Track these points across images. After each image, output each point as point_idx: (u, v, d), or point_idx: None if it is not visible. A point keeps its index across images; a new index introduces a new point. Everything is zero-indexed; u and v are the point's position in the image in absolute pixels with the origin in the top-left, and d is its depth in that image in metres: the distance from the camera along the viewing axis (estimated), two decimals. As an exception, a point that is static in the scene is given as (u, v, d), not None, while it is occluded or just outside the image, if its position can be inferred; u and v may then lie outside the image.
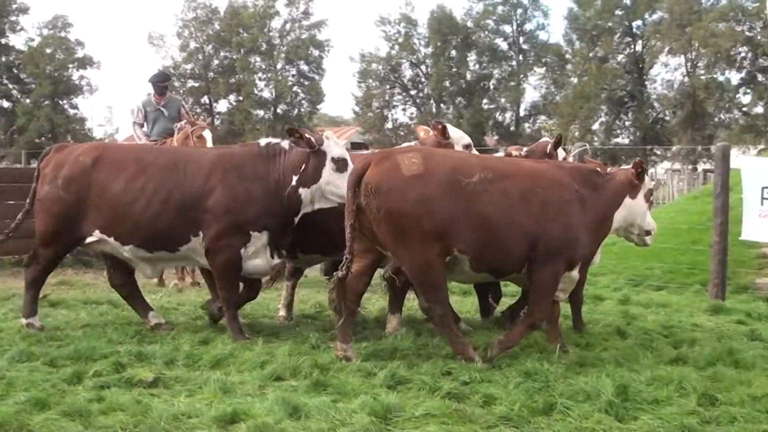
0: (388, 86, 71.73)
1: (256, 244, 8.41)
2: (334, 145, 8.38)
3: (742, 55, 60.51)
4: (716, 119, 63.49)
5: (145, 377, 6.58)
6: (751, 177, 12.14)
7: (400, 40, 70.47)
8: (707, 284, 12.43)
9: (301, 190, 8.35)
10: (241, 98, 67.38)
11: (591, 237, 7.81)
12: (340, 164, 8.21)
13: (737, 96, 62.19)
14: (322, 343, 7.98)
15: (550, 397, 6.15)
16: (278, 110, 68.70)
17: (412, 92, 72.52)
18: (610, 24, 65.32)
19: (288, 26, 69.49)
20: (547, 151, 9.58)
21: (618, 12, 65.07)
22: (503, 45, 70.99)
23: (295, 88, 69.73)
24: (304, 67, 69.84)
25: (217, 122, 67.98)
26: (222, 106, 70.55)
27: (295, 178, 8.34)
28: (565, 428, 5.62)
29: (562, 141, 10.08)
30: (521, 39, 70.29)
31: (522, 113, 71.22)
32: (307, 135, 8.31)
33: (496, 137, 65.28)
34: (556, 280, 7.67)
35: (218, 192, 8.28)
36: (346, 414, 5.70)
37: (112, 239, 8.49)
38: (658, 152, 63.01)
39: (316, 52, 69.71)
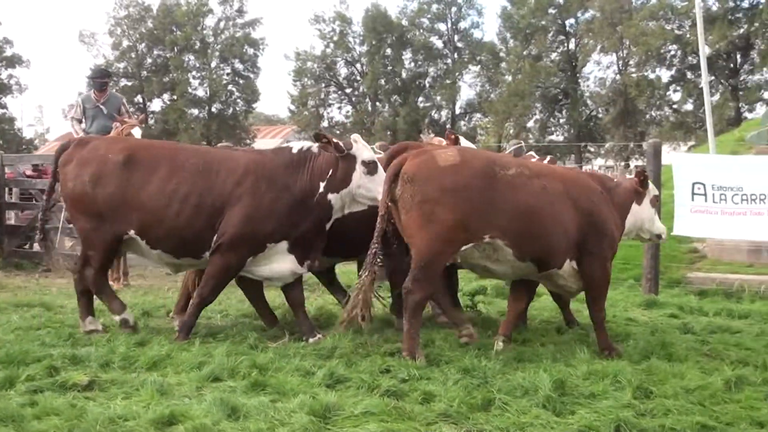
0: (323, 84, 71.61)
1: (272, 252, 8.32)
2: (363, 149, 8.31)
3: (672, 53, 61.65)
4: (647, 116, 64.57)
5: (80, 380, 6.46)
6: (682, 173, 12.30)
7: (335, 38, 70.38)
8: (640, 279, 12.61)
9: (330, 196, 8.28)
10: (175, 97, 66.72)
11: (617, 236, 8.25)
12: (371, 167, 8.18)
13: (668, 93, 63.37)
14: (260, 343, 7.95)
15: (488, 393, 6.18)
16: (213, 109, 68.20)
17: (348, 90, 72.50)
18: (543, 22, 66.03)
19: (222, 24, 69.08)
20: None
21: (551, 10, 65.81)
22: (438, 43, 71.32)
23: (229, 87, 69.24)
24: (239, 66, 69.39)
25: (151, 121, 67.30)
26: (156, 105, 69.83)
27: (322, 184, 8.27)
28: (503, 423, 5.64)
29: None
30: (456, 37, 70.62)
31: (458, 111, 71.59)
32: (335, 140, 8.24)
33: (432, 135, 65.46)
34: (608, 274, 8.15)
35: (245, 200, 8.12)
36: (285, 414, 5.66)
37: (144, 242, 8.30)
38: (592, 149, 63.91)
39: (250, 51, 69.34)
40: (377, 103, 70.68)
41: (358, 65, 71.57)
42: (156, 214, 8.09)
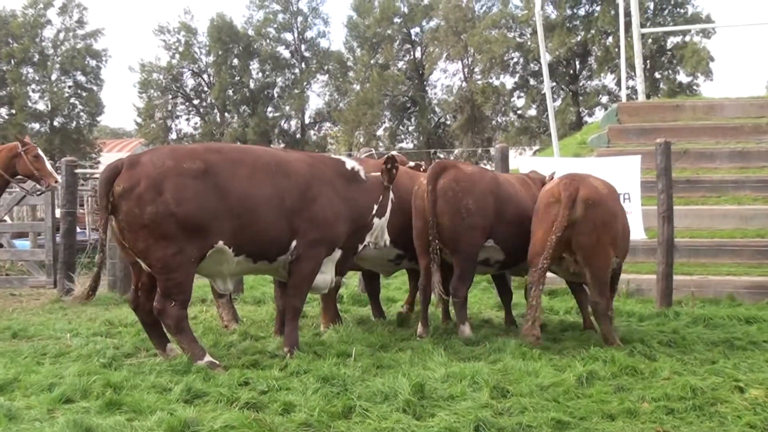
0: (170, 96, 70.54)
1: (330, 259, 8.30)
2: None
3: (515, 60, 63.37)
4: (494, 122, 66.22)
5: None
6: (529, 176, 12.63)
7: (181, 48, 69.42)
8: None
9: (375, 220, 8.45)
10: (14, 111, 64.19)
11: None
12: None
13: (512, 100, 65.11)
14: (114, 361, 7.72)
15: (348, 401, 6.17)
16: (55, 123, 66.00)
17: (196, 102, 71.62)
18: (389, 31, 66.78)
19: (62, 35, 66.86)
20: None
21: (396, 19, 66.66)
22: (285, 53, 71.31)
23: (72, 100, 67.11)
24: (81, 78, 67.32)
25: (-10, 137, 64.85)
26: (-7, 119, 67.12)
27: (375, 207, 8.40)
28: (364, 430, 5.65)
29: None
30: (303, 47, 70.75)
31: (307, 120, 71.76)
32: (393, 172, 8.45)
33: (282, 145, 65.40)
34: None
35: (320, 202, 8.01)
36: (142, 432, 5.53)
37: (231, 250, 7.70)
38: (442, 155, 64.78)
39: (93, 62, 67.44)
40: (226, 114, 70.08)
41: (205, 76, 70.81)
42: (244, 218, 7.62)
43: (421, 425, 5.72)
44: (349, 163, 8.58)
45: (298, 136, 69.58)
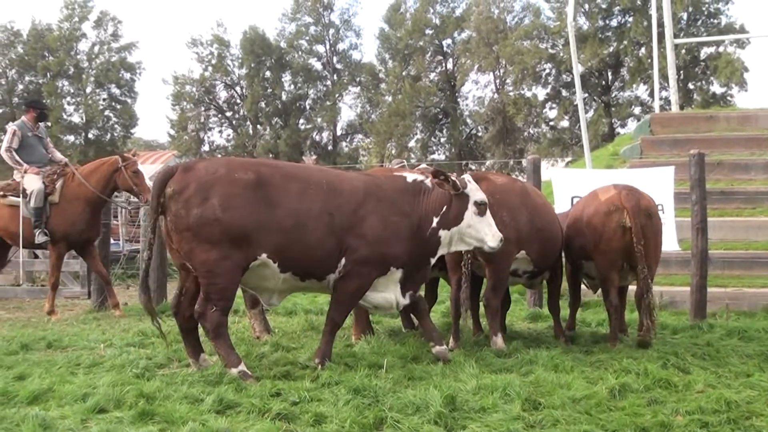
0: (203, 108, 70.90)
1: (389, 278, 8.20)
2: (476, 190, 8.39)
3: (547, 71, 63.15)
4: (526, 133, 66.00)
5: (-44, 418, 6.20)
6: (561, 187, 12.60)
7: (214, 61, 69.80)
8: (525, 293, 12.81)
9: (441, 232, 8.26)
10: (49, 124, 64.73)
11: None
12: (482, 208, 8.30)
13: (544, 111, 64.86)
14: (147, 372, 7.76)
15: (380, 412, 6.16)
16: (90, 135, 66.70)
17: (228, 114, 71.93)
18: (421, 43, 66.85)
19: (96, 49, 67.56)
20: None
21: (428, 31, 66.70)
22: (317, 65, 71.46)
23: (106, 113, 67.79)
24: (116, 91, 67.98)
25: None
26: (29, 132, 67.65)
27: (435, 219, 8.24)
28: (396, 442, 5.64)
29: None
30: (335, 59, 70.85)
31: (339, 132, 71.78)
32: (452, 178, 8.23)
33: (314, 157, 65.53)
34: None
35: (371, 220, 7.96)
36: (174, 442, 5.55)
37: (276, 264, 7.73)
38: (473, 167, 64.61)
39: (127, 75, 68.09)
40: (258, 126, 70.31)
41: (238, 88, 71.11)
42: (291, 234, 7.64)
43: (452, 437, 5.71)
44: (410, 177, 8.53)
45: (330, 147, 69.68)
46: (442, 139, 69.16)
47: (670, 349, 8.65)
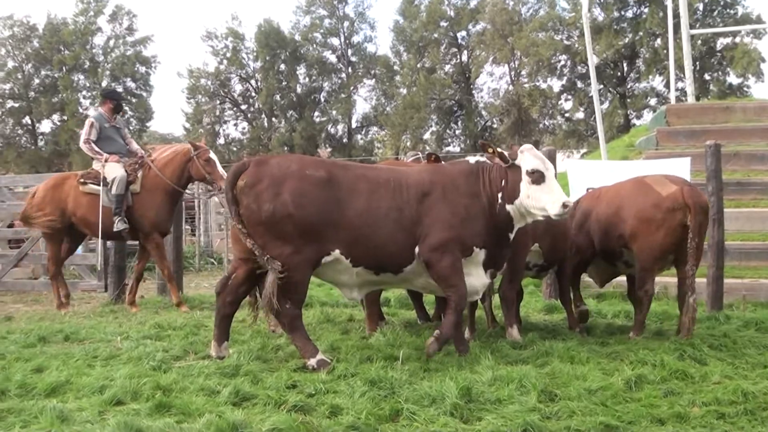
0: (218, 101, 71.03)
1: (473, 261, 8.22)
2: (529, 158, 8.22)
3: (562, 63, 62.98)
4: (541, 125, 65.85)
5: (-25, 411, 6.25)
6: (577, 178, 12.60)
7: (228, 54, 69.87)
8: (540, 285, 12.81)
9: (508, 207, 8.21)
10: (65, 117, 65.10)
11: None
12: (535, 176, 8.09)
13: (559, 102, 64.68)
14: (164, 364, 7.79)
15: (396, 404, 6.16)
16: (105, 128, 66.85)
17: (243, 107, 72.07)
18: (435, 35, 66.75)
19: (112, 43, 67.80)
20: None
21: (443, 23, 66.57)
22: (332, 58, 71.53)
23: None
24: (131, 84, 68.16)
25: (41, 143, 65.73)
26: (45, 126, 67.96)
27: (500, 195, 8.22)
28: (412, 433, 5.65)
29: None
30: (350, 51, 70.91)
31: (354, 125, 71.83)
32: (499, 150, 8.21)
33: (329, 149, 65.55)
34: None
35: (440, 207, 8.01)
36: (191, 434, 5.57)
37: (348, 260, 7.85)
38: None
39: (142, 69, 68.27)
40: (273, 119, 70.39)
41: (253, 81, 71.21)
42: (362, 231, 7.76)
43: (468, 429, 5.69)
44: (473, 159, 8.57)
45: (345, 140, 69.78)
46: (457, 131, 69.12)
47: (687, 340, 8.62)
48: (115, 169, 12.32)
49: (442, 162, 9.51)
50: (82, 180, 12.60)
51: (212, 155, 12.52)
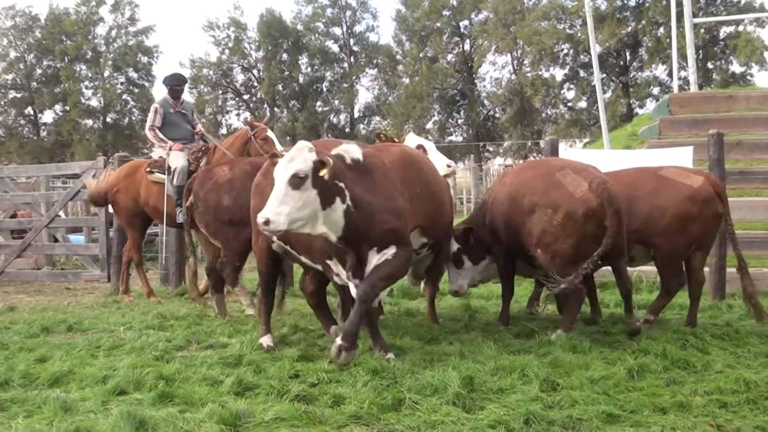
0: (220, 91, 71.00)
1: None
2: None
3: (565, 52, 62.86)
4: (544, 114, 65.75)
5: (-22, 400, 6.28)
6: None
7: (230, 44, 69.81)
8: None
9: None
10: (67, 108, 65.09)
11: None
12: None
13: (562, 92, 64.53)
14: (167, 354, 7.83)
15: (398, 393, 6.19)
16: (108, 119, 66.91)
17: (245, 97, 72.05)
18: (438, 24, 66.63)
19: (114, 33, 67.74)
20: None
21: (445, 12, 66.47)
22: (334, 47, 71.43)
23: (124, 96, 67.98)
24: (133, 74, 68.17)
25: (43, 133, 65.73)
26: (48, 116, 67.94)
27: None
28: (414, 422, 5.66)
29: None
30: (352, 41, 70.83)
31: (356, 114, 71.83)
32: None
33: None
34: None
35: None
36: (194, 424, 5.59)
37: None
38: (491, 148, 64.74)
39: (144, 59, 68.24)
40: (275, 109, 70.30)
41: (255, 71, 71.18)
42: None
43: (470, 418, 5.71)
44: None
45: (348, 130, 69.69)
46: (460, 121, 69.02)
47: (689, 329, 8.63)
48: (178, 159, 12.04)
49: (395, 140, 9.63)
50: (149, 169, 12.38)
51: (270, 133, 12.06)
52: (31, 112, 66.64)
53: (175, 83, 12.95)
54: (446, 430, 5.53)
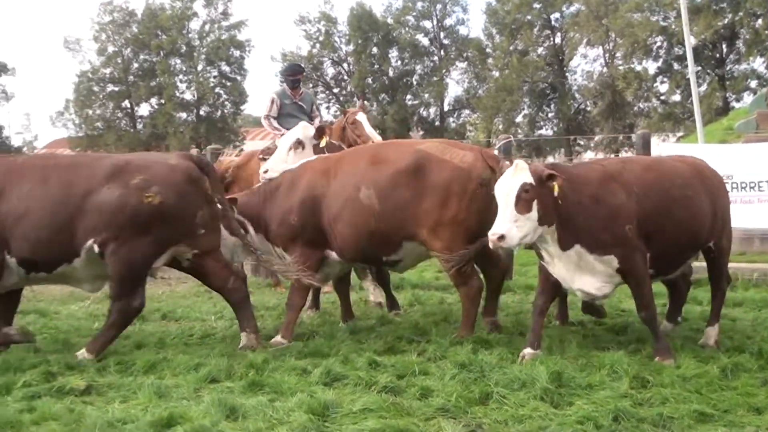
0: (311, 85, 71.32)
1: None
2: None
3: (658, 44, 61.60)
4: (636, 108, 64.55)
5: (77, 385, 6.47)
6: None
7: (321, 38, 70.16)
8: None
9: None
10: (162, 101, 66.28)
11: None
12: None
13: (655, 85, 63.29)
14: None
15: (485, 387, 6.19)
16: (201, 112, 67.90)
17: (336, 90, 72.34)
18: (529, 17, 65.95)
19: (207, 27, 68.63)
20: None
21: (536, 5, 65.71)
22: (424, 41, 71.20)
23: (217, 90, 68.86)
24: (226, 68, 69.01)
25: (139, 126, 67.11)
26: (144, 109, 69.27)
27: None
28: (501, 416, 5.66)
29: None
30: (442, 34, 70.53)
31: (446, 108, 71.52)
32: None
33: (421, 133, 65.49)
34: None
35: None
36: (283, 413, 5.67)
37: None
38: (582, 142, 63.95)
39: (237, 53, 68.97)
40: (365, 103, 70.47)
41: (345, 65, 71.43)
42: None
43: (558, 413, 5.69)
44: None
45: (437, 123, 69.55)
46: (550, 114, 68.27)
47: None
48: None
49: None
50: (261, 156, 12.20)
51: (360, 116, 11.81)
52: (128, 105, 68.06)
53: (289, 73, 13.09)
54: (533, 425, 5.51)
